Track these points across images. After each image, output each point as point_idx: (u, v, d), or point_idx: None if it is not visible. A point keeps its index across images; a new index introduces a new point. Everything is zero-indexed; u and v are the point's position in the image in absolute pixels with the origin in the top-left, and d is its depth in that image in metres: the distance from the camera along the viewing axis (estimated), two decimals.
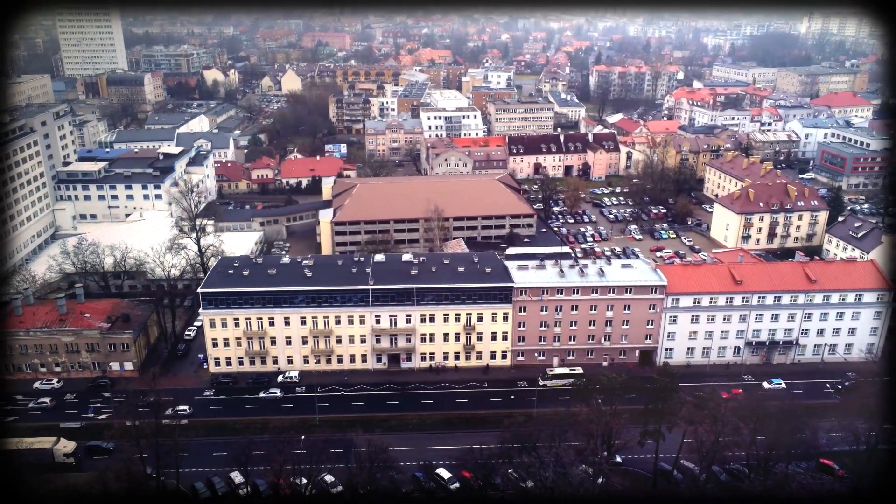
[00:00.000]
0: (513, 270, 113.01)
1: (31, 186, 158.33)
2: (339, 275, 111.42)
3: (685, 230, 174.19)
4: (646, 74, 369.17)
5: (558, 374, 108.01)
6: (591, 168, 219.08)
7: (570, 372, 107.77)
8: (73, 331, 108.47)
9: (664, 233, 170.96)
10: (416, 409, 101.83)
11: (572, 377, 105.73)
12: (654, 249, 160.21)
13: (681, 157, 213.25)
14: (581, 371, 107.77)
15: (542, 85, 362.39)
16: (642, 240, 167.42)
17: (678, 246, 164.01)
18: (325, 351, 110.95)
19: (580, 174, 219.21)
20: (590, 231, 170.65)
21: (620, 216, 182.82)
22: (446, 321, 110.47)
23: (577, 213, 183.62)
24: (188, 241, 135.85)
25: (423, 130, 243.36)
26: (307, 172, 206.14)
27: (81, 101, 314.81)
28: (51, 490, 74.73)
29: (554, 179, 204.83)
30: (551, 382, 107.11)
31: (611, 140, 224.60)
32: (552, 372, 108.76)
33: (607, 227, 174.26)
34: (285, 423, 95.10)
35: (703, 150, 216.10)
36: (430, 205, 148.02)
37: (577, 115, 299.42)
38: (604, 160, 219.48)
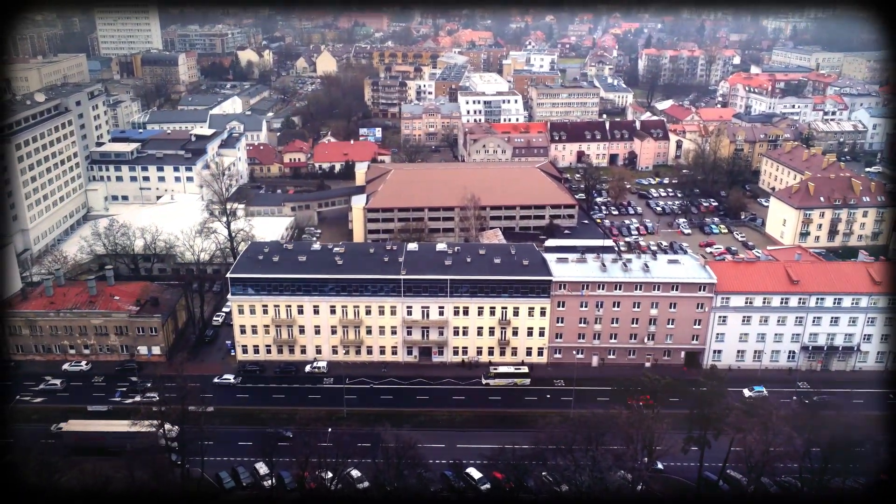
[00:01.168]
0: (551, 263, 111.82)
1: (64, 167, 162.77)
2: (371, 263, 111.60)
3: (738, 225, 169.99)
4: (699, 59, 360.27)
5: (502, 373, 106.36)
6: (638, 157, 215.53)
7: (514, 371, 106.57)
8: (102, 313, 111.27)
9: (715, 227, 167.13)
10: (446, 406, 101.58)
11: (517, 376, 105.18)
12: (703, 245, 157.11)
13: (735, 146, 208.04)
14: (527, 370, 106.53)
15: (588, 69, 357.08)
16: (691, 234, 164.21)
17: (730, 242, 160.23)
18: (354, 341, 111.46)
19: (626, 163, 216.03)
20: (635, 224, 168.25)
21: (668, 209, 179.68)
22: (480, 314, 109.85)
23: (622, 204, 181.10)
24: (218, 224, 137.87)
25: (460, 115, 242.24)
26: (340, 157, 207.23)
27: (116, 81, 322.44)
28: (78, 473, 76.74)
29: (598, 168, 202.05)
30: (494, 382, 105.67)
31: (660, 128, 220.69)
32: (495, 371, 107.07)
33: (654, 220, 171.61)
34: (312, 414, 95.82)
35: (759, 140, 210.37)
36: (466, 192, 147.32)
37: (624, 102, 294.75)
38: (652, 149, 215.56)
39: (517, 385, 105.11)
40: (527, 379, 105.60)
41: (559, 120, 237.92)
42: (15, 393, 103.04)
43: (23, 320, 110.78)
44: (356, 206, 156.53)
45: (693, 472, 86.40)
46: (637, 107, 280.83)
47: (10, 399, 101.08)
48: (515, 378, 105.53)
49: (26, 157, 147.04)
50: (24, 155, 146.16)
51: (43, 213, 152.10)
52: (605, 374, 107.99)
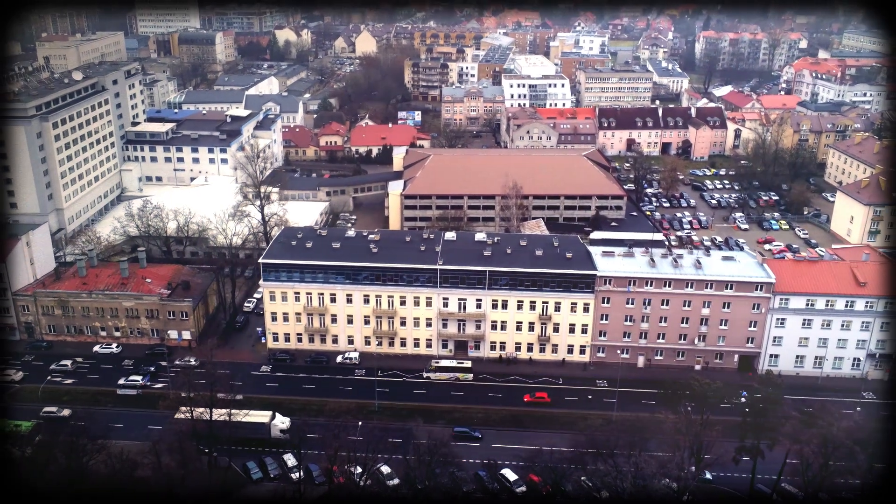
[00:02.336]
0: (597, 257, 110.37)
1: (100, 146, 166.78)
2: (407, 252, 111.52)
3: (800, 221, 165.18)
4: (762, 42, 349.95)
5: (444, 367, 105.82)
6: (693, 146, 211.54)
7: (457, 365, 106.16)
8: (133, 295, 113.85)
9: (775, 223, 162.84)
10: (482, 403, 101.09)
11: (459, 370, 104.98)
12: (761, 241, 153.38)
13: (799, 137, 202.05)
14: (469, 365, 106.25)
15: (641, 52, 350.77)
16: (748, 230, 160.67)
17: (791, 239, 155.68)
18: (387, 333, 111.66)
19: (679, 153, 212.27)
20: (687, 217, 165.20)
21: (724, 202, 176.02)
22: (520, 309, 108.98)
23: (674, 196, 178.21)
24: (252, 208, 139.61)
25: (504, 99, 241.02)
26: (378, 141, 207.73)
27: (153, 60, 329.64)
28: (104, 457, 78.68)
29: (649, 157, 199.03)
30: (435, 375, 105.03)
31: (717, 115, 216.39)
32: (437, 364, 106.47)
33: (708, 214, 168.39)
34: (342, 406, 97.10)
35: (826, 131, 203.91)
36: (508, 180, 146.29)
37: (678, 87, 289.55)
38: (707, 138, 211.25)
39: (459, 380, 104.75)
40: (469, 374, 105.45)
41: (608, 106, 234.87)
42: (47, 374, 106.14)
43: (55, 300, 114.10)
44: (393, 192, 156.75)
45: (744, 485, 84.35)
46: (693, 93, 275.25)
47: (42, 380, 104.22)
48: (457, 372, 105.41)
49: (62, 136, 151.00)
50: (60, 134, 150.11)
51: (78, 192, 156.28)
52: (651, 375, 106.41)
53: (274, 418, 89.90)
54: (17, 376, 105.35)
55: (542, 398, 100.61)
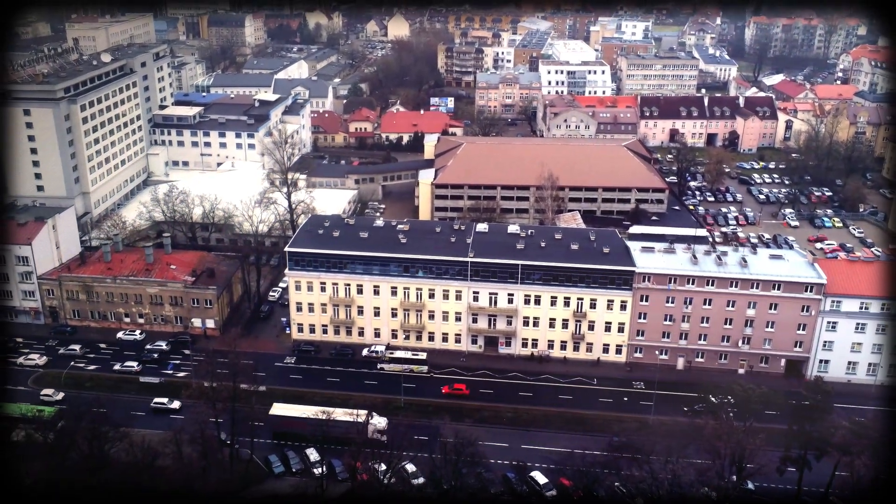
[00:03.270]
0: (635, 252, 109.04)
1: (127, 129, 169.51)
2: (437, 243, 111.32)
3: (855, 219, 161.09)
4: (817, 28, 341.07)
5: (398, 359, 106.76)
6: (741, 138, 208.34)
7: (411, 357, 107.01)
8: (158, 282, 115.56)
9: (828, 220, 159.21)
10: (512, 402, 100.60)
11: (413, 363, 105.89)
12: (812, 239, 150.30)
13: (856, 129, 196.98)
14: (424, 357, 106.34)
15: (686, 38, 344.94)
16: (799, 227, 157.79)
17: (845, 237, 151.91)
18: (415, 326, 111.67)
19: (726, 144, 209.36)
20: (733, 212, 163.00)
21: (773, 197, 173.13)
22: (553, 305, 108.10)
23: (720, 190, 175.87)
24: (279, 195, 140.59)
25: (541, 86, 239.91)
26: (409, 128, 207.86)
27: (181, 42, 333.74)
28: (126, 446, 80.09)
29: (693, 149, 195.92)
30: (388, 367, 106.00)
31: (767, 105, 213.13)
32: (391, 355, 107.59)
33: (755, 210, 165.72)
34: (367, 401, 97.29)
35: (885, 123, 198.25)
36: (543, 171, 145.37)
37: (726, 75, 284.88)
38: (756, 129, 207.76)
39: (413, 372, 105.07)
40: (423, 366, 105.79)
41: (651, 94, 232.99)
42: (70, 359, 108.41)
43: (80, 285, 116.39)
44: (424, 181, 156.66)
45: (789, 496, 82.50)
46: (741, 81, 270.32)
47: (65, 365, 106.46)
48: (412, 364, 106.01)
49: (90, 119, 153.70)
50: (87, 116, 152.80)
51: (104, 176, 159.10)
52: (691, 378, 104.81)
53: (371, 417, 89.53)
54: (40, 360, 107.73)
55: (461, 390, 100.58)
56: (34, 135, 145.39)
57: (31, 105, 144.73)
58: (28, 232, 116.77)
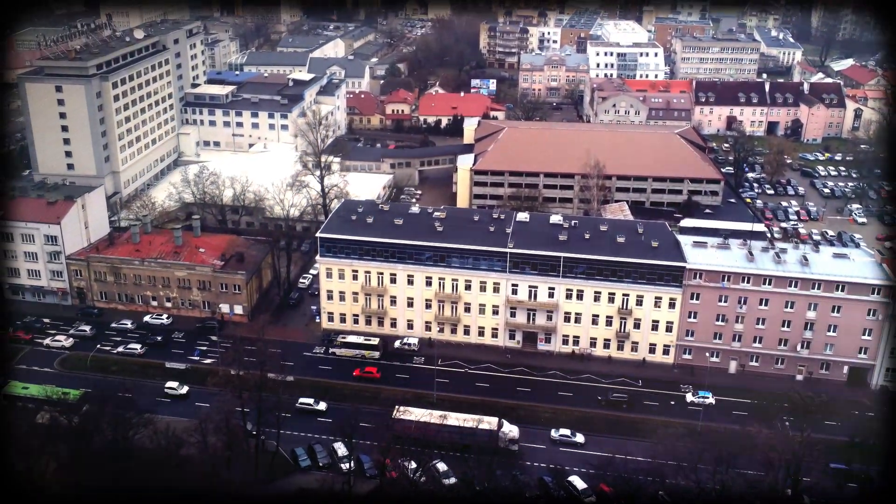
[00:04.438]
0: (686, 247, 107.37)
1: (158, 108, 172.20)
2: (475, 232, 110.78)
3: None
4: None
5: (350, 343, 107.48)
6: (804, 127, 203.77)
7: (364, 342, 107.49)
8: (186, 265, 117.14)
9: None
10: (550, 401, 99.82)
11: (365, 348, 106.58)
12: (881, 238, 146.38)
13: None
14: (376, 343, 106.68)
15: (747, 19, 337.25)
16: (866, 224, 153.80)
17: None
18: (450, 319, 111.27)
19: (788, 134, 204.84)
20: (794, 207, 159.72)
21: (839, 191, 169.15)
22: (597, 300, 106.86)
23: (780, 182, 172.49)
24: (311, 178, 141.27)
25: (589, 68, 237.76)
26: (448, 110, 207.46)
27: (215, 19, 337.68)
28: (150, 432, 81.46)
29: (752, 138, 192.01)
30: (340, 351, 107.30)
31: (834, 92, 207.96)
32: (343, 339, 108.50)
33: (819, 204, 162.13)
34: (398, 395, 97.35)
35: None
36: (589, 158, 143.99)
37: (789, 59, 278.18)
38: (822, 118, 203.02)
39: (365, 357, 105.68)
40: (376, 352, 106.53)
41: (707, 78, 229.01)
42: (97, 341, 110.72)
43: (108, 266, 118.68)
44: (462, 166, 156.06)
45: None
46: (806, 66, 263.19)
47: (91, 348, 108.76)
48: (364, 350, 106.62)
49: (121, 97, 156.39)
50: (119, 94, 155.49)
51: (134, 155, 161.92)
52: (744, 383, 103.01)
53: (502, 426, 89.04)
54: (66, 342, 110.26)
55: (371, 373, 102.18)
56: (65, 112, 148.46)
57: (63, 82, 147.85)
58: (57, 211, 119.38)
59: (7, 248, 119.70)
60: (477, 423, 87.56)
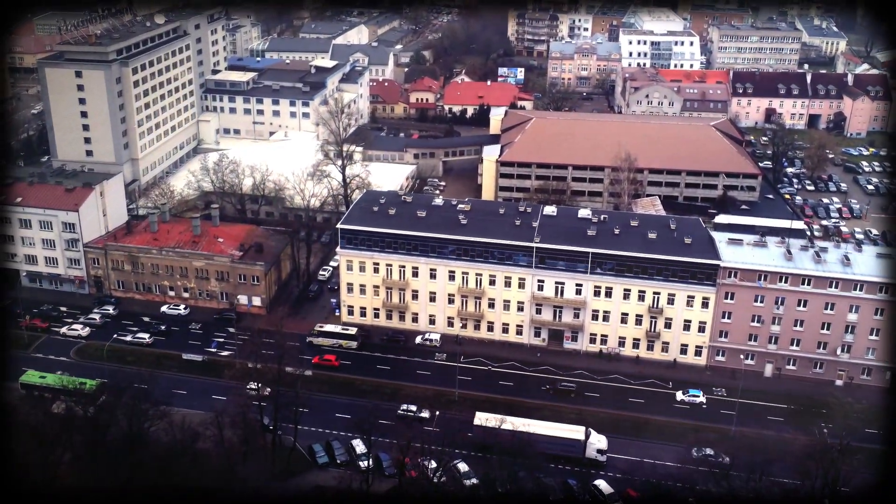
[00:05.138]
0: (721, 244, 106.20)
1: (178, 94, 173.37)
2: (500, 226, 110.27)
3: None
4: None
5: (327, 332, 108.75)
6: (848, 120, 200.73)
7: (341, 331, 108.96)
8: (204, 255, 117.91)
9: None
10: (576, 402, 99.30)
11: (343, 337, 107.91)
12: None
13: None
14: (354, 332, 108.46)
15: (788, 6, 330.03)
16: None
17: None
18: (473, 315, 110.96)
19: (830, 127, 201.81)
20: (836, 204, 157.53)
21: (883, 188, 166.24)
22: (626, 298, 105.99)
23: (821, 178, 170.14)
24: (332, 168, 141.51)
25: (621, 57, 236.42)
26: (474, 100, 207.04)
27: (237, 3, 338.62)
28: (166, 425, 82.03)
29: (792, 131, 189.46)
30: (317, 340, 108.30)
31: (880, 84, 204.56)
32: (320, 328, 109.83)
33: (862, 202, 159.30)
34: (419, 392, 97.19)
35: None
36: (620, 151, 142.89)
37: (833, 49, 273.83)
38: (866, 111, 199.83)
39: (342, 347, 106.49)
40: (353, 342, 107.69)
41: (745, 69, 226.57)
42: (113, 331, 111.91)
43: (125, 255, 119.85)
44: (488, 157, 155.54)
45: None
46: (851, 56, 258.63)
47: (108, 337, 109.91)
48: (341, 339, 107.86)
49: (141, 83, 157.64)
50: (139, 80, 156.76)
51: (154, 142, 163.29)
52: (780, 387, 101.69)
53: (589, 436, 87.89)
54: (83, 332, 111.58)
55: (330, 361, 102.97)
56: (85, 98, 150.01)
57: (82, 67, 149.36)
58: (75, 198, 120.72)
59: (25, 234, 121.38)
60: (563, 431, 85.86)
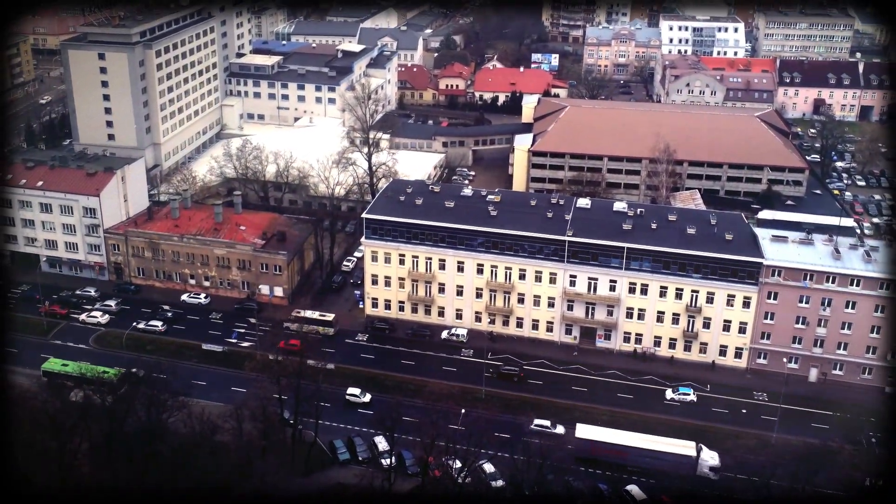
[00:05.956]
0: (764, 241, 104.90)
1: (202, 78, 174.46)
2: (531, 218, 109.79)
3: None
4: None
5: (303, 318, 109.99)
6: None
7: (318, 317, 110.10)
8: (226, 243, 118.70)
9: None
10: (609, 403, 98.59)
11: (320, 324, 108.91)
12: None
13: None
14: (331, 318, 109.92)
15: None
16: None
17: None
18: (502, 310, 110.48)
19: (883, 119, 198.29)
20: (888, 200, 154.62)
21: None
22: (663, 296, 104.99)
23: (872, 173, 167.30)
24: (358, 156, 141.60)
25: (661, 44, 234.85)
26: (506, 87, 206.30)
27: None
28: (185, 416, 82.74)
29: (842, 123, 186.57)
30: (294, 325, 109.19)
31: None
32: (297, 314, 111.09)
33: None
34: (444, 389, 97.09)
35: None
36: (659, 142, 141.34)
37: (887, 37, 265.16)
38: None
39: (319, 333, 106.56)
40: (330, 328, 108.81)
41: (793, 57, 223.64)
42: (133, 319, 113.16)
43: (146, 242, 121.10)
44: (520, 147, 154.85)
45: None
46: None
47: (127, 325, 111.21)
48: (318, 325, 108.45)
49: (164, 66, 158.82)
50: (162, 63, 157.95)
51: (176, 127, 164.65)
52: (825, 393, 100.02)
53: (701, 451, 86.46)
54: (102, 319, 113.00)
55: (295, 346, 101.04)
56: (107, 80, 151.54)
57: (106, 49, 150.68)
58: (97, 182, 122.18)
59: (45, 219, 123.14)
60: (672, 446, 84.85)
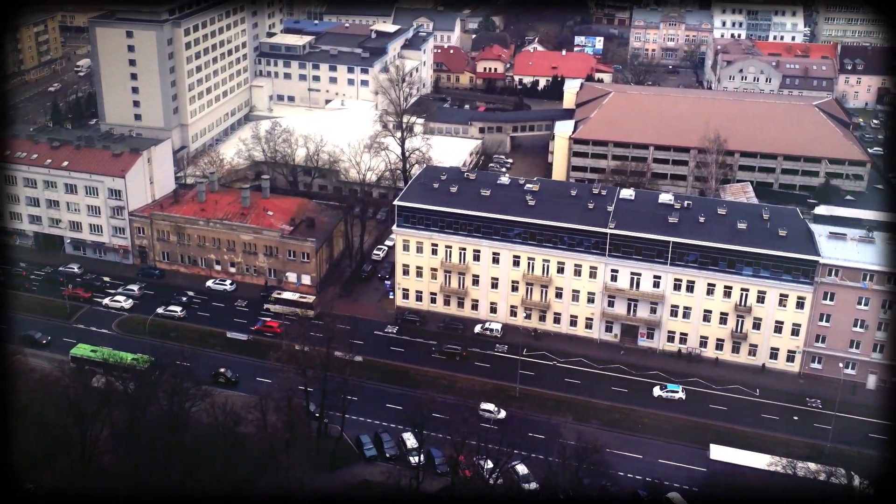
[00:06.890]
0: (821, 238, 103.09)
1: (231, 58, 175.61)
2: (571, 209, 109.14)
3: None
4: None
5: (284, 300, 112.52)
6: None
7: (298, 299, 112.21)
8: (253, 229, 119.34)
9: None
10: (650, 406, 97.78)
11: (300, 305, 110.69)
12: None
13: None
14: (312, 301, 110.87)
15: None
16: None
17: None
18: (539, 304, 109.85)
19: None
20: None
21: None
22: (710, 294, 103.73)
23: None
24: (391, 140, 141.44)
25: (712, 28, 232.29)
26: (547, 70, 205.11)
27: None
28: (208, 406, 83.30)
29: None
30: (274, 307, 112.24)
31: None
32: (278, 295, 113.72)
33: None
34: (476, 386, 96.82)
35: None
36: (708, 131, 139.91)
37: None
38: None
39: (299, 315, 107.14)
40: (310, 311, 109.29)
41: (855, 43, 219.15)
42: (157, 304, 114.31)
43: (171, 225, 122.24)
44: (560, 134, 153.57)
45: None
46: None
47: (151, 311, 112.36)
48: (297, 307, 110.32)
49: (193, 45, 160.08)
50: (191, 42, 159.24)
51: (204, 108, 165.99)
52: (884, 401, 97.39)
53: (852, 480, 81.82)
54: (126, 304, 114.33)
55: (272, 328, 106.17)
56: (135, 59, 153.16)
57: (133, 27, 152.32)
58: (122, 163, 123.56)
59: (70, 200, 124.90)
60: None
